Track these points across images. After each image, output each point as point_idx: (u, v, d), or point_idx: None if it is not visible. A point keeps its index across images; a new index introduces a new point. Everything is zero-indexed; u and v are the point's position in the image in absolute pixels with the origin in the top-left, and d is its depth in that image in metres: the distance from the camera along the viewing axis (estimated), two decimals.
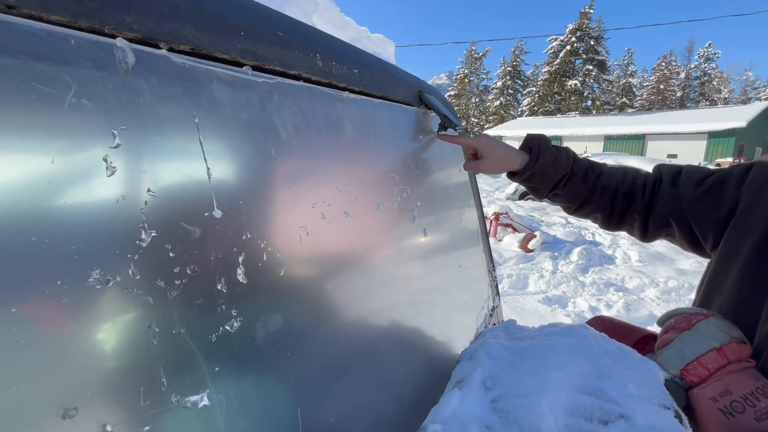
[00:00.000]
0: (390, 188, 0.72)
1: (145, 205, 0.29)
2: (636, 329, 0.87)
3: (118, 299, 0.27)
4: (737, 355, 0.56)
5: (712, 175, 0.76)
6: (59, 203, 0.25)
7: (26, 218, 0.23)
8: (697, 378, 0.56)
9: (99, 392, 0.26)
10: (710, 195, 0.74)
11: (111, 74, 0.29)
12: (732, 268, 0.69)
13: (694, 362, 0.56)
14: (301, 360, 0.43)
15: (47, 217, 0.24)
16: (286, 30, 0.50)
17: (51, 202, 0.25)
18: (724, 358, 0.56)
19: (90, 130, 0.27)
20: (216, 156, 0.36)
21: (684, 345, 0.59)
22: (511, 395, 0.49)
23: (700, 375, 0.56)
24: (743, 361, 0.56)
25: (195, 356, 0.31)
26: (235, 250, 0.36)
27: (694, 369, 0.56)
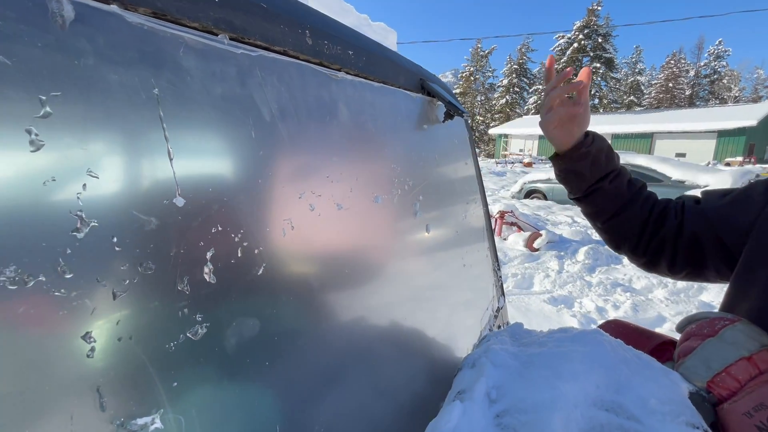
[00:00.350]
0: (390, 180, 0.67)
1: (84, 188, 0.24)
2: (653, 335, 0.82)
3: (42, 302, 0.22)
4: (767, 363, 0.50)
5: (734, 191, 0.75)
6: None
7: None
8: (727, 391, 0.51)
9: (16, 419, 0.21)
10: (735, 203, 0.73)
11: (42, 31, 0.24)
12: (760, 271, 0.65)
13: (722, 373, 0.51)
14: (283, 370, 0.38)
15: None
16: (270, 2, 0.45)
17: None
18: (755, 368, 0.50)
19: (14, 94, 0.22)
20: (180, 134, 0.31)
21: (709, 354, 0.54)
22: (518, 410, 0.44)
23: (730, 388, 0.50)
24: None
25: (145, 369, 0.26)
26: (201, 244, 0.31)
27: (722, 381, 0.51)
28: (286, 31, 0.47)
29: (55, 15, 0.25)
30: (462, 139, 1.11)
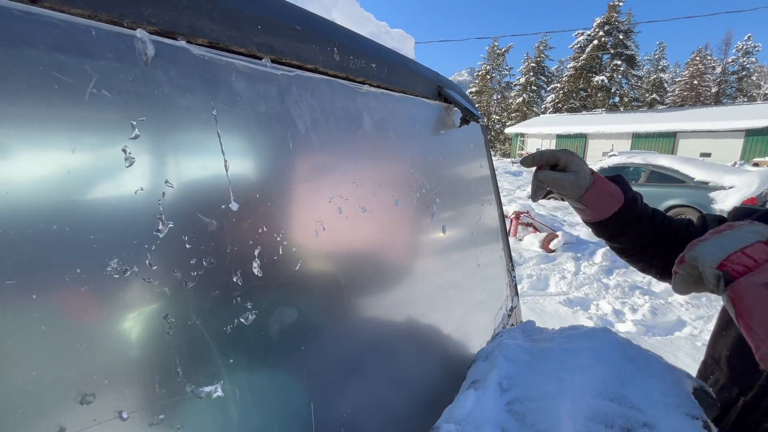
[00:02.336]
0: (409, 184, 0.71)
1: (163, 196, 0.30)
2: None
3: (135, 289, 0.27)
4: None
5: (756, 212, 0.73)
6: (78, 193, 0.25)
7: (47, 208, 0.24)
8: (742, 267, 0.49)
9: (116, 380, 0.26)
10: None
11: (131, 66, 0.29)
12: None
13: (737, 252, 0.49)
14: (315, 355, 0.43)
15: (67, 207, 0.25)
16: (303, 24, 0.50)
17: (70, 193, 0.25)
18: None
19: (110, 121, 0.27)
20: (233, 148, 0.36)
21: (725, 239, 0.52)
22: (528, 398, 0.47)
23: (746, 264, 0.49)
24: None
25: (210, 347, 0.32)
26: (250, 243, 0.36)
27: (738, 259, 0.49)
28: (317, 49, 0.52)
29: (140, 54, 0.30)
30: (478, 143, 1.14)
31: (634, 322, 3.58)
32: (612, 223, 0.82)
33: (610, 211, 0.81)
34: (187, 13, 0.35)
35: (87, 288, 0.25)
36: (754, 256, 0.49)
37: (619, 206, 0.80)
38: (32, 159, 0.24)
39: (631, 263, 0.88)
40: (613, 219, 0.82)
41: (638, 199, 0.82)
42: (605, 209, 0.82)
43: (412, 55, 1.24)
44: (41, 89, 0.24)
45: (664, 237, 0.83)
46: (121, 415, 0.26)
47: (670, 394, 0.48)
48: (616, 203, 0.80)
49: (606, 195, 0.81)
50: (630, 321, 3.61)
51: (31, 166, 0.23)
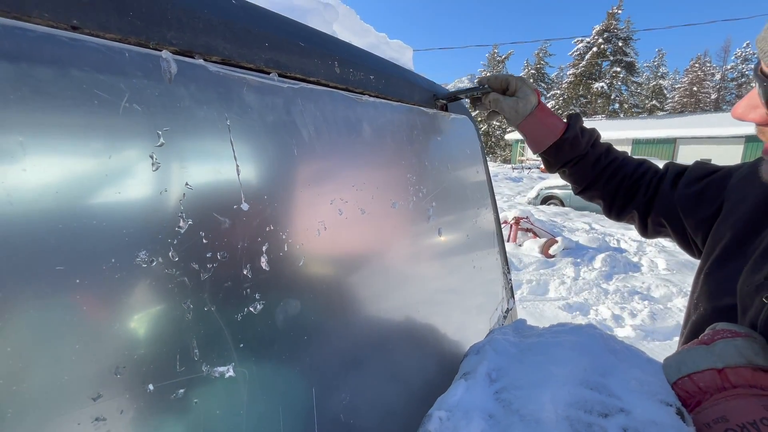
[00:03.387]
0: (406, 188, 0.75)
1: (183, 197, 0.34)
2: None
3: (160, 277, 0.31)
4: (746, 380, 0.49)
5: (712, 174, 0.77)
6: (113, 194, 0.29)
7: (89, 207, 0.28)
8: (685, 394, 0.51)
9: (143, 356, 0.30)
10: (704, 194, 0.75)
11: (157, 82, 0.33)
12: (703, 265, 0.71)
13: (685, 377, 0.51)
14: (317, 344, 0.46)
15: (104, 205, 0.29)
16: (306, 40, 0.54)
17: (107, 192, 0.29)
18: (725, 381, 0.49)
19: (140, 130, 0.31)
20: (244, 154, 0.40)
21: (687, 357, 0.54)
22: (514, 387, 0.51)
23: (689, 392, 0.51)
24: (754, 388, 0.49)
25: (223, 332, 0.35)
26: (259, 239, 0.40)
27: (684, 384, 0.51)
28: (318, 63, 0.56)
29: (165, 71, 0.34)
30: (473, 148, 1.18)
31: (633, 327, 3.60)
32: (551, 158, 0.89)
33: (545, 144, 0.87)
34: (203, 34, 0.39)
35: (120, 275, 0.29)
36: (699, 384, 0.50)
37: (553, 141, 0.86)
38: (76, 164, 0.28)
39: (582, 197, 0.95)
40: (552, 154, 0.88)
41: (579, 140, 0.86)
42: (539, 141, 0.88)
43: (410, 64, 1.29)
44: (84, 104, 0.28)
45: (612, 178, 0.88)
46: (147, 387, 0.29)
47: (648, 383, 0.51)
48: (551, 137, 0.86)
49: (542, 127, 0.86)
50: (629, 326, 3.63)
51: (75, 170, 0.27)
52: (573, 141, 0.86)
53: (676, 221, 0.80)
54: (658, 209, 0.83)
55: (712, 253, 0.70)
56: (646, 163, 0.90)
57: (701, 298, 0.70)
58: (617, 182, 0.88)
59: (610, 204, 0.90)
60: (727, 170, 0.77)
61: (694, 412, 0.51)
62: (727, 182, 0.74)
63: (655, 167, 0.89)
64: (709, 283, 0.69)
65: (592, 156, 0.88)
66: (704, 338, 0.56)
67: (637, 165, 0.89)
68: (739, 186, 0.71)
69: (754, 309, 0.57)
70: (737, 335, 0.53)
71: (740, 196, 0.70)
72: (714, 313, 0.66)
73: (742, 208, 0.68)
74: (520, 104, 0.85)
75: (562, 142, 0.86)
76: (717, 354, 0.52)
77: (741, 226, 0.67)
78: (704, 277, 0.71)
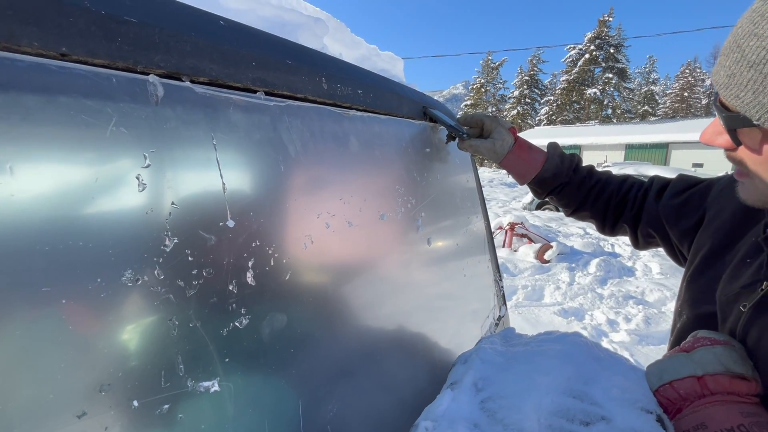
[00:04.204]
0: (394, 199, 0.77)
1: (169, 215, 0.35)
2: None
3: (146, 295, 0.32)
4: (724, 387, 0.50)
5: (695, 186, 0.79)
6: (100, 214, 0.30)
7: (74, 226, 0.29)
8: (666, 401, 0.53)
9: (128, 373, 0.30)
10: (686, 206, 0.78)
11: (144, 105, 0.35)
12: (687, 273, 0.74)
13: (666, 385, 0.53)
14: (303, 357, 0.47)
15: (91, 225, 0.30)
16: (294, 57, 0.56)
17: (93, 214, 0.30)
18: (704, 388, 0.51)
19: (126, 153, 0.33)
20: (231, 172, 0.41)
21: (668, 366, 0.56)
22: (499, 396, 0.52)
23: (670, 399, 0.53)
24: (732, 395, 0.50)
25: (208, 348, 0.36)
26: (245, 255, 0.41)
27: (665, 392, 0.53)
28: (306, 80, 0.58)
29: (152, 95, 0.35)
30: (463, 158, 1.20)
31: (627, 331, 3.61)
32: (537, 187, 0.93)
33: (528, 177, 0.92)
34: (191, 57, 0.41)
35: (106, 294, 0.30)
36: (679, 391, 0.52)
37: (535, 174, 0.90)
38: (62, 188, 0.29)
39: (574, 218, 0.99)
40: (537, 185, 0.92)
41: (561, 168, 0.90)
42: (522, 175, 0.93)
43: (401, 75, 1.31)
44: (72, 129, 0.29)
45: (598, 198, 0.91)
46: (132, 403, 0.30)
47: (630, 391, 0.52)
48: (532, 171, 0.91)
49: (522, 163, 0.91)
50: (624, 331, 3.65)
51: (61, 193, 0.28)
52: (554, 171, 0.91)
53: (662, 232, 0.82)
54: (645, 221, 0.85)
55: (694, 262, 0.72)
56: (629, 179, 0.94)
57: (684, 306, 0.72)
58: (605, 201, 0.91)
59: (602, 222, 0.93)
60: (709, 182, 0.79)
61: (675, 419, 0.52)
62: (708, 193, 0.76)
63: (639, 182, 0.92)
64: (692, 290, 0.71)
65: (575, 181, 0.92)
66: (685, 346, 0.58)
67: (621, 182, 0.93)
68: (719, 197, 0.73)
69: (732, 317, 0.59)
70: (716, 343, 0.55)
71: (720, 206, 0.72)
72: (696, 321, 0.67)
73: (721, 218, 0.70)
74: (497, 145, 0.90)
75: (543, 173, 0.90)
76: (697, 362, 0.53)
77: (720, 236, 0.69)
78: (687, 285, 0.72)
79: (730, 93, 0.46)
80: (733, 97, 0.46)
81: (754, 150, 0.48)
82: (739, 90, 0.45)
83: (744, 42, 0.44)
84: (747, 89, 0.44)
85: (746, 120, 0.46)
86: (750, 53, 0.43)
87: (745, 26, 0.45)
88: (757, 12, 0.44)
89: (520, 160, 0.91)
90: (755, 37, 0.43)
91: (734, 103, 0.46)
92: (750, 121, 0.45)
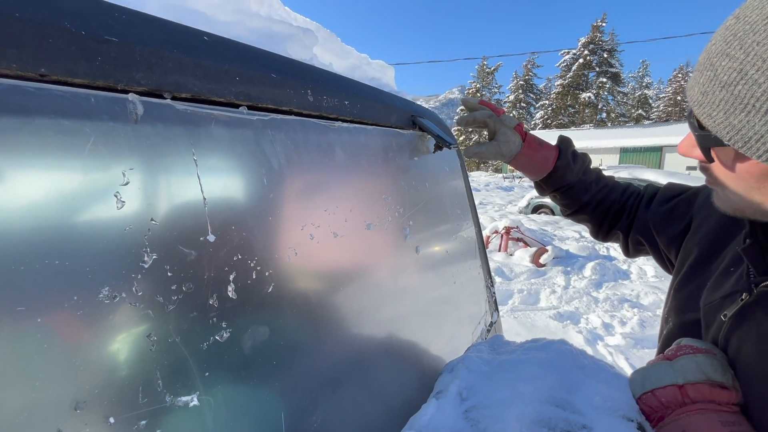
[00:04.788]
0: (381, 209, 0.77)
1: (149, 232, 0.35)
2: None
3: (124, 312, 0.32)
4: (704, 396, 0.51)
5: (682, 194, 0.80)
6: (79, 232, 0.31)
7: (51, 244, 0.29)
8: (648, 409, 0.54)
9: (105, 389, 0.31)
10: (673, 213, 0.79)
11: (123, 124, 0.35)
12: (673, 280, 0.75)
13: (649, 393, 0.54)
14: (285, 369, 0.47)
15: (69, 243, 0.30)
16: (279, 70, 0.56)
17: (72, 232, 0.30)
18: (685, 397, 0.52)
19: (105, 172, 0.33)
20: (212, 187, 0.42)
21: (650, 373, 0.56)
22: (483, 405, 0.52)
23: (653, 407, 0.54)
24: (712, 403, 0.51)
25: (187, 362, 0.36)
26: (226, 269, 0.42)
27: (647, 400, 0.54)
28: (291, 93, 0.58)
29: (131, 113, 0.36)
30: (453, 166, 1.21)
31: (623, 335, 3.62)
32: (544, 184, 0.93)
33: (539, 176, 0.92)
34: (173, 73, 0.41)
35: (83, 312, 0.30)
36: (661, 399, 0.53)
37: (546, 173, 0.90)
38: (40, 206, 0.29)
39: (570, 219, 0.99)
40: (545, 181, 0.92)
41: (572, 167, 0.90)
42: (533, 174, 0.93)
43: (392, 83, 1.32)
44: (50, 149, 0.30)
45: (600, 204, 0.92)
46: (108, 420, 0.30)
47: (612, 399, 0.53)
48: (544, 170, 0.90)
49: (532, 163, 0.90)
50: (619, 334, 3.66)
51: (38, 211, 0.29)
52: (565, 169, 0.90)
53: (651, 239, 0.83)
54: (635, 229, 0.87)
55: (681, 270, 0.73)
56: (630, 187, 0.94)
57: (671, 313, 0.73)
58: (605, 208, 0.92)
59: (597, 228, 0.94)
60: (695, 189, 0.80)
61: (657, 427, 0.53)
62: (695, 201, 0.77)
63: (638, 191, 0.93)
64: (678, 298, 0.72)
65: (583, 183, 0.91)
66: (669, 353, 0.59)
67: (623, 190, 0.93)
68: (705, 205, 0.75)
69: (715, 325, 0.60)
70: (698, 351, 0.56)
71: (706, 214, 0.73)
72: (681, 328, 0.68)
73: (707, 227, 0.71)
74: (503, 148, 0.87)
75: (554, 172, 0.90)
76: (678, 370, 0.54)
77: (706, 244, 0.70)
78: (673, 293, 0.73)
79: (703, 111, 0.47)
80: (706, 116, 0.46)
81: (727, 166, 0.49)
82: (711, 109, 0.45)
83: (717, 61, 0.44)
84: (719, 109, 0.44)
85: (717, 140, 0.46)
86: (722, 73, 0.44)
87: (718, 44, 0.45)
88: (730, 30, 0.44)
89: (530, 160, 0.89)
90: (727, 57, 0.43)
91: (707, 122, 0.46)
92: (721, 141, 0.46)
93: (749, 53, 0.41)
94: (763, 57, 0.40)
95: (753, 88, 0.41)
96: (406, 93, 1.25)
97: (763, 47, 0.40)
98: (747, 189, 0.49)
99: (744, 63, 0.42)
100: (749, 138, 0.42)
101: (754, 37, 0.41)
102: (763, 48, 0.40)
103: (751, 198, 0.49)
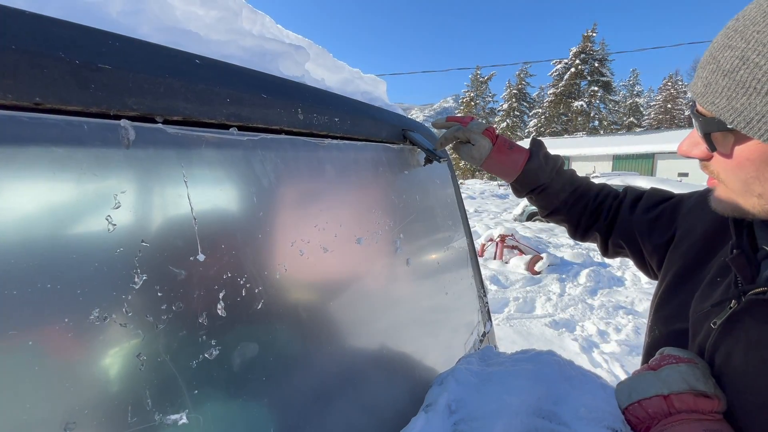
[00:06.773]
0: (371, 223, 0.78)
1: (139, 253, 0.36)
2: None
3: (113, 333, 0.33)
4: (689, 406, 0.52)
5: (668, 201, 0.82)
6: (70, 256, 0.32)
7: (41, 267, 0.30)
8: (635, 420, 0.55)
9: (95, 410, 0.31)
10: (658, 221, 0.81)
11: (115, 149, 0.36)
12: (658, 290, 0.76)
13: (635, 404, 0.55)
14: (275, 385, 0.48)
15: (61, 265, 0.31)
16: (269, 90, 0.58)
17: (64, 255, 0.31)
18: (670, 407, 0.53)
19: (96, 196, 0.34)
20: (202, 207, 0.43)
21: (636, 384, 0.58)
22: (471, 418, 0.53)
23: (639, 418, 0.55)
24: (696, 413, 0.52)
25: (176, 380, 0.37)
26: (215, 287, 0.43)
27: (634, 410, 0.55)
28: (281, 112, 0.60)
29: (123, 138, 0.37)
30: (444, 178, 1.23)
31: (618, 342, 3.63)
32: (518, 185, 0.96)
33: (511, 178, 0.96)
34: (165, 98, 0.43)
35: (73, 333, 0.31)
36: (647, 409, 0.54)
37: (516, 175, 0.94)
38: (35, 229, 0.30)
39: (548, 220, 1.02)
40: (518, 182, 0.95)
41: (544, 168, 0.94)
42: (505, 176, 0.97)
43: (384, 97, 1.34)
44: (43, 177, 0.31)
45: (576, 204, 0.95)
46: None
47: (597, 410, 0.54)
48: (513, 173, 0.95)
49: (502, 166, 0.95)
50: (614, 341, 3.67)
51: (34, 234, 0.30)
52: (536, 171, 0.93)
53: (633, 244, 0.85)
54: (617, 232, 0.88)
55: (666, 279, 0.75)
56: (606, 188, 0.97)
57: (657, 323, 0.74)
58: (581, 208, 0.94)
59: (575, 227, 0.96)
60: (679, 198, 0.82)
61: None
62: (679, 210, 0.79)
63: (614, 192, 0.95)
64: (664, 308, 0.73)
65: (557, 184, 0.94)
66: (653, 363, 0.60)
67: (598, 191, 0.96)
68: (689, 215, 0.76)
69: (702, 334, 0.61)
70: (681, 361, 0.57)
71: (690, 225, 0.75)
72: (668, 337, 0.69)
73: (692, 238, 0.73)
74: (474, 152, 0.94)
75: (525, 173, 0.92)
76: (663, 380, 0.55)
77: (692, 255, 0.71)
78: (659, 303, 0.75)
79: (706, 100, 0.50)
80: (708, 104, 0.49)
81: (726, 155, 0.51)
82: (714, 97, 0.49)
83: (719, 54, 0.48)
84: (722, 96, 0.48)
85: (721, 123, 0.49)
86: (724, 63, 0.47)
87: (720, 41, 0.49)
88: (731, 28, 0.48)
89: (499, 163, 0.94)
90: (729, 48, 0.47)
91: (710, 108, 0.49)
92: (724, 124, 0.48)
93: (750, 41, 0.45)
94: (763, 42, 0.44)
95: (754, 71, 0.44)
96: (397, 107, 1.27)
97: (764, 35, 0.44)
98: (747, 180, 0.51)
99: (745, 50, 0.45)
100: (751, 119, 0.45)
101: (755, 27, 0.45)
102: (763, 35, 0.44)
103: (752, 189, 0.51)
